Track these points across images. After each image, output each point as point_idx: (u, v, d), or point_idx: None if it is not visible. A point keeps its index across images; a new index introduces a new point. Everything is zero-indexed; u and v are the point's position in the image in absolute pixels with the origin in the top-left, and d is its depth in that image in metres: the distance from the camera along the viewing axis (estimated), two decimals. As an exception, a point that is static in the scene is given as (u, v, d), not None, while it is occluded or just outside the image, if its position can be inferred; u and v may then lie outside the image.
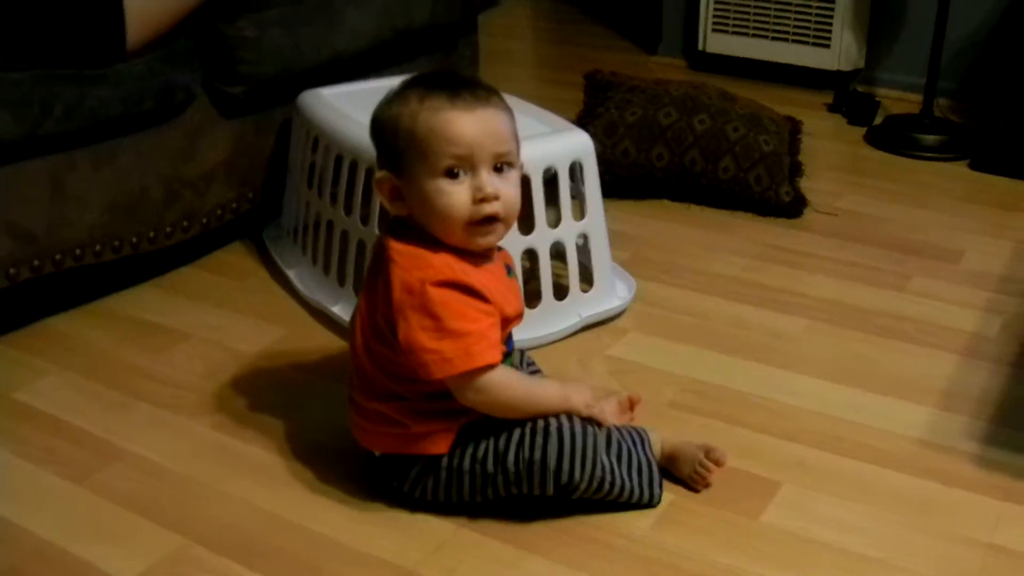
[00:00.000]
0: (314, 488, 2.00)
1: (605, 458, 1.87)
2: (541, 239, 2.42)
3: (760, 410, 2.23)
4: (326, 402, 2.22)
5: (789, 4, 4.15)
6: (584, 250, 2.55)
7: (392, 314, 1.79)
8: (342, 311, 2.51)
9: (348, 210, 2.50)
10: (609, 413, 1.97)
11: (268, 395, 2.28)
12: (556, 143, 2.47)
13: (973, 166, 3.49)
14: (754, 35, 4.26)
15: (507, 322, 1.89)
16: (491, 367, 1.79)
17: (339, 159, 2.52)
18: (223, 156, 2.74)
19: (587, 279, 2.55)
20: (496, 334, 1.82)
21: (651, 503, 1.95)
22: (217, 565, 1.82)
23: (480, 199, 1.78)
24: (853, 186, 3.35)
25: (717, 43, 4.36)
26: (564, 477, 1.83)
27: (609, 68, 3.60)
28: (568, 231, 2.47)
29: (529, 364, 2.14)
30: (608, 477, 1.87)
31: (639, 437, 1.97)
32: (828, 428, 2.17)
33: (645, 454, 1.95)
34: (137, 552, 1.85)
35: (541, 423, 1.84)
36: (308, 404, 2.24)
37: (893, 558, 1.82)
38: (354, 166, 2.46)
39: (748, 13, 4.25)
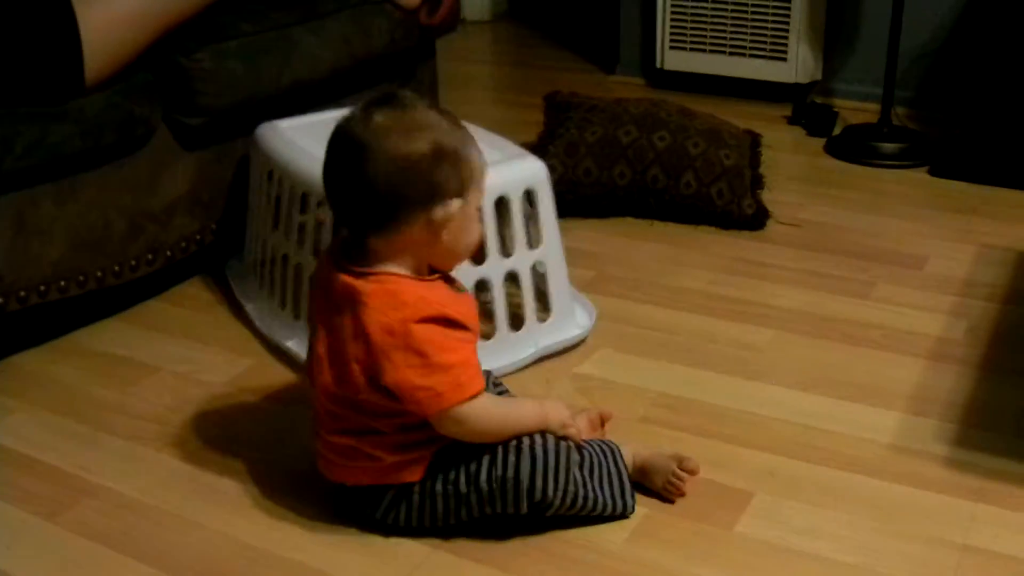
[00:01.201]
0: (287, 516, 1.99)
1: (577, 473, 1.87)
2: (494, 269, 2.38)
3: (731, 421, 2.24)
4: (296, 431, 2.22)
5: (745, 19, 4.17)
6: (541, 279, 2.50)
7: (372, 358, 1.76)
8: (297, 345, 2.48)
9: (301, 243, 2.48)
10: (581, 429, 1.98)
11: (238, 426, 2.28)
12: (509, 171, 2.43)
13: (933, 172, 3.51)
14: (711, 51, 4.28)
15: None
16: (476, 396, 1.78)
17: (292, 193, 2.50)
18: (185, 188, 2.73)
19: (545, 308, 2.51)
20: (476, 359, 1.81)
21: (624, 514, 1.95)
22: (193, 596, 1.82)
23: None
24: (815, 196, 3.37)
25: (675, 60, 4.38)
26: (538, 494, 1.83)
27: (568, 89, 3.61)
28: (522, 260, 2.44)
29: (496, 384, 2.14)
30: (581, 491, 1.87)
31: (609, 450, 1.97)
32: (799, 436, 2.18)
33: (616, 466, 1.95)
34: (112, 586, 1.84)
35: (513, 442, 1.84)
36: (278, 433, 2.24)
37: (868, 563, 1.83)
38: (305, 199, 2.44)
39: (705, 29, 4.26)
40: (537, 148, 3.27)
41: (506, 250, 2.43)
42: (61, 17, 2.44)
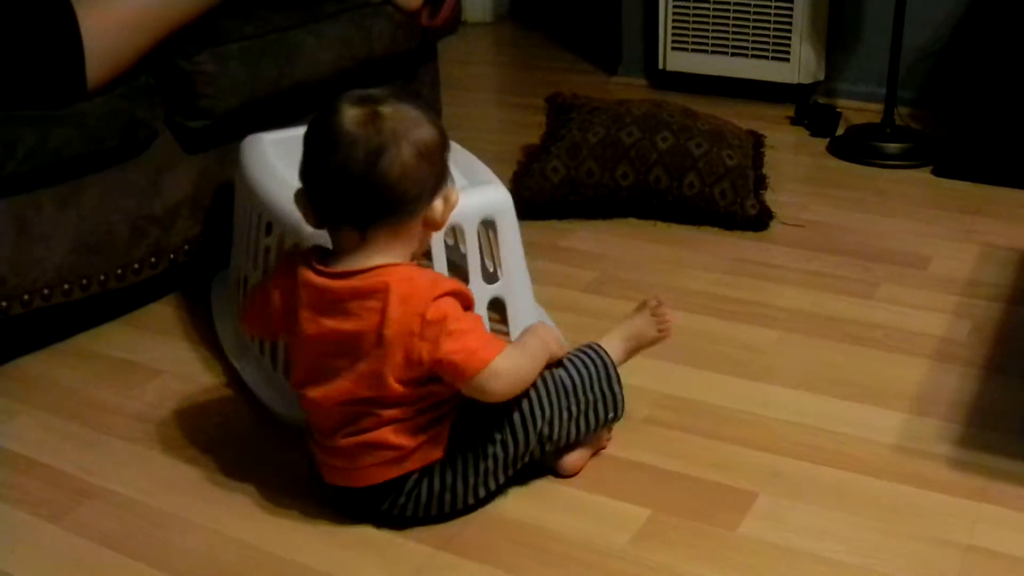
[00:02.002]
0: (290, 517, 1.99)
1: (573, 407, 1.97)
2: None
3: (734, 422, 2.23)
4: (296, 433, 2.21)
5: (747, 19, 4.17)
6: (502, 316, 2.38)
7: (407, 345, 1.79)
8: (244, 371, 2.43)
9: (256, 265, 2.41)
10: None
11: (240, 427, 2.28)
12: (467, 198, 2.18)
13: (936, 172, 3.51)
14: (713, 52, 4.28)
15: None
16: (502, 349, 1.85)
17: (253, 214, 2.41)
18: (188, 191, 2.73)
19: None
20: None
21: (617, 406, 2.05)
22: (196, 599, 1.82)
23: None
24: (818, 197, 3.36)
25: (677, 61, 4.38)
26: (539, 422, 1.93)
27: (570, 90, 3.60)
28: (477, 293, 2.15)
29: None
30: (573, 397, 1.97)
31: (598, 357, 2.04)
32: (802, 437, 2.17)
33: (607, 372, 2.03)
34: (115, 589, 1.84)
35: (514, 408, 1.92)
36: (280, 434, 2.24)
37: (872, 564, 1.83)
38: (269, 226, 2.34)
39: (707, 30, 4.26)
40: (540, 149, 3.28)
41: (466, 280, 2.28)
42: (62, 21, 2.44)
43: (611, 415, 2.04)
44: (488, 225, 2.33)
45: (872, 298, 2.71)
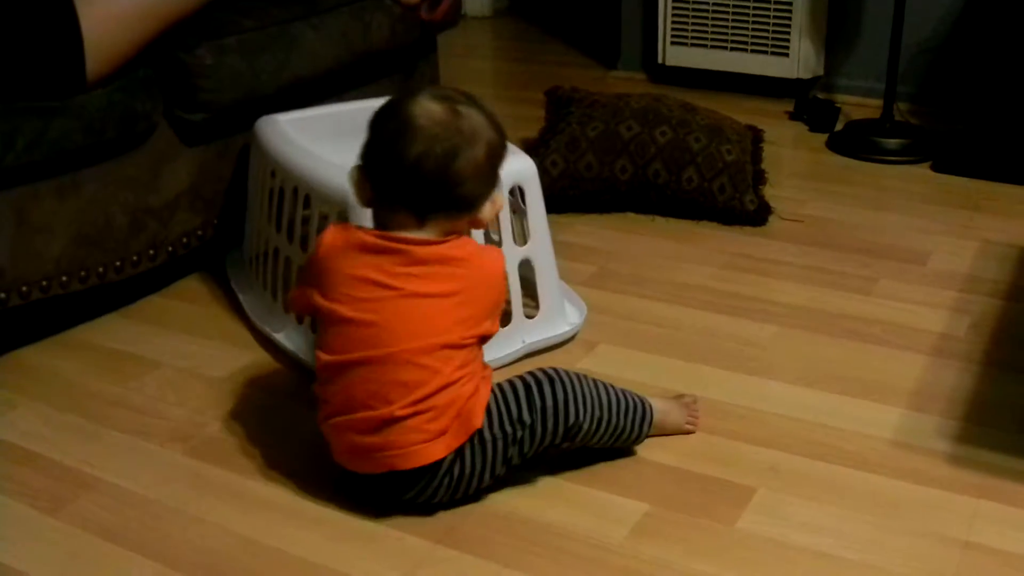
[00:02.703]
0: (289, 511, 1.99)
1: (604, 398, 2.01)
2: None
3: (733, 417, 2.23)
4: (298, 425, 2.22)
5: (746, 14, 4.17)
6: (530, 275, 2.51)
7: (487, 297, 1.97)
8: (285, 339, 2.50)
9: (291, 238, 2.50)
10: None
11: (240, 420, 2.28)
12: None
13: (935, 168, 3.51)
14: (713, 46, 4.28)
15: None
16: None
17: (284, 187, 2.52)
18: (187, 184, 2.73)
19: (534, 304, 2.52)
20: None
21: (639, 438, 2.10)
22: (194, 591, 1.82)
23: None
24: (817, 192, 3.37)
25: (676, 56, 4.38)
26: (571, 418, 1.95)
27: (570, 84, 3.60)
28: (509, 256, 2.39)
29: None
30: (606, 415, 2.00)
31: (634, 395, 2.10)
32: (801, 432, 2.17)
33: (638, 400, 2.08)
34: (113, 582, 1.84)
35: (538, 373, 1.99)
36: (280, 427, 2.24)
37: (870, 559, 1.83)
38: (295, 193, 2.47)
39: (706, 25, 4.26)
40: (538, 143, 3.28)
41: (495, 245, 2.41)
42: (62, 13, 2.44)
43: (632, 438, 2.09)
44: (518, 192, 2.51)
45: (871, 294, 2.71)
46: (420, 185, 1.89)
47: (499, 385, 1.98)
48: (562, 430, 1.96)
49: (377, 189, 1.93)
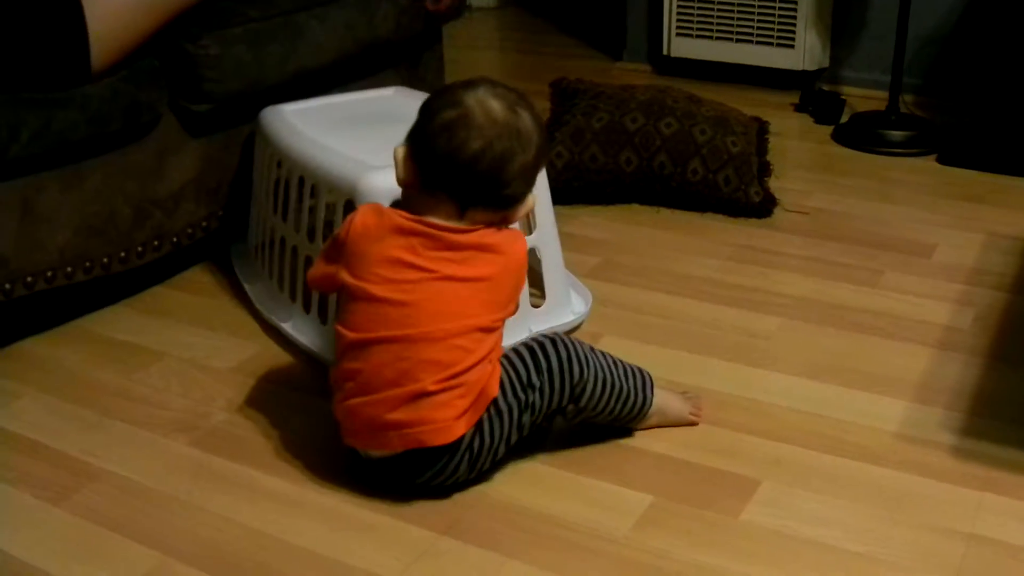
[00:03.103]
0: (292, 501, 1.99)
1: (603, 360, 2.04)
2: None
3: (737, 409, 2.23)
4: (302, 416, 2.22)
5: (752, 6, 4.16)
6: (536, 264, 2.51)
7: (517, 278, 2.03)
8: (292, 328, 2.51)
9: (298, 227, 2.50)
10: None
11: (244, 411, 2.28)
12: None
13: (941, 160, 3.51)
14: (718, 38, 4.27)
15: None
16: None
17: (290, 177, 2.52)
18: (191, 174, 2.73)
19: (539, 293, 2.52)
20: None
21: (644, 407, 2.10)
22: (198, 582, 1.82)
23: None
24: (822, 184, 3.36)
25: (682, 47, 4.37)
26: (575, 376, 1.98)
27: (575, 76, 3.60)
28: None
29: None
30: (609, 376, 2.03)
31: (640, 369, 2.14)
32: (805, 425, 2.17)
33: (638, 369, 2.11)
34: (116, 571, 1.84)
35: (539, 337, 2.01)
36: (284, 418, 2.24)
37: (874, 551, 1.83)
38: (302, 182, 2.46)
39: (711, 16, 4.26)
40: (543, 135, 3.27)
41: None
42: (67, 3, 2.43)
43: (636, 405, 2.09)
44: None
45: (876, 286, 2.71)
46: (471, 180, 1.92)
47: (506, 355, 2.00)
48: (568, 390, 1.98)
49: (424, 174, 1.95)
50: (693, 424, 2.18)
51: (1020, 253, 2.85)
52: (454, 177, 1.92)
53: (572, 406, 2.01)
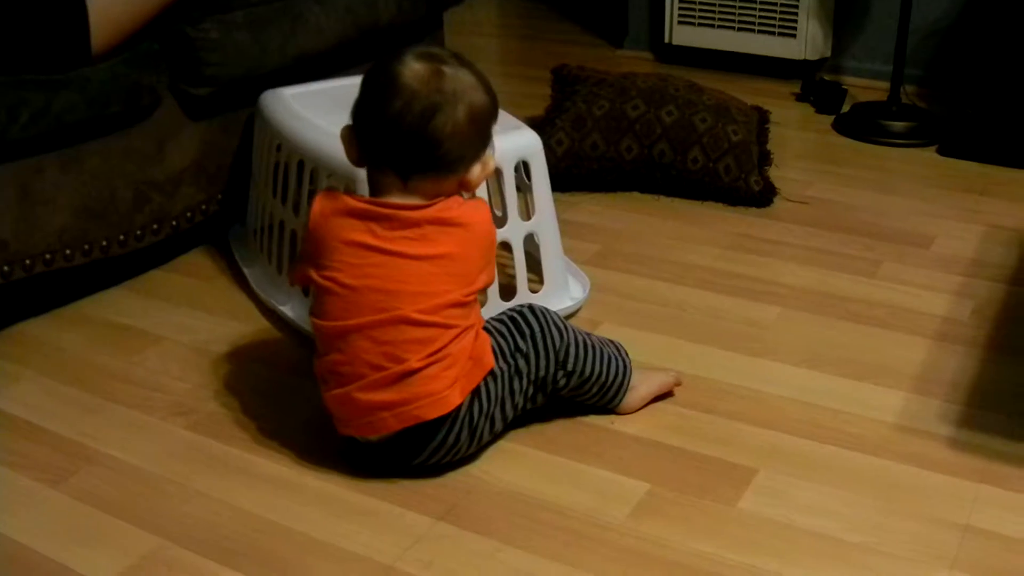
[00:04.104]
0: (290, 485, 2.00)
1: (579, 332, 2.09)
2: None
3: (735, 398, 2.23)
4: (300, 399, 2.22)
5: (754, -5, 4.16)
6: (534, 249, 2.53)
7: (487, 251, 2.02)
8: (291, 311, 2.51)
9: (297, 210, 2.50)
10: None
11: (242, 394, 2.28)
12: (503, 142, 2.38)
13: (941, 151, 3.50)
14: (720, 26, 4.26)
15: None
16: None
17: (289, 160, 2.52)
18: (191, 158, 2.73)
19: (537, 279, 2.53)
20: None
21: (627, 372, 2.15)
22: (194, 564, 1.82)
23: None
24: (822, 174, 3.36)
25: (683, 35, 4.36)
26: (559, 343, 2.03)
27: (576, 63, 3.60)
28: (515, 231, 2.46)
29: None
30: (585, 341, 2.08)
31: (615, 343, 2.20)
32: (803, 414, 2.17)
33: (612, 343, 2.18)
34: (114, 554, 1.84)
35: (515, 307, 2.08)
36: (282, 402, 2.24)
37: (871, 542, 1.83)
38: (301, 166, 2.47)
39: (714, 5, 4.25)
40: (544, 121, 3.27)
41: (499, 220, 2.44)
42: (68, -15, 2.43)
43: (619, 372, 2.14)
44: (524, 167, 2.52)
45: (875, 276, 2.71)
46: (399, 143, 1.90)
47: (489, 325, 2.05)
48: (552, 354, 2.02)
49: (363, 148, 1.96)
50: (677, 384, 2.23)
51: (1020, 245, 2.84)
52: (384, 143, 1.92)
53: (562, 373, 2.04)
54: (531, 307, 2.06)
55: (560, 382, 2.05)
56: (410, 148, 1.90)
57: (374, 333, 1.90)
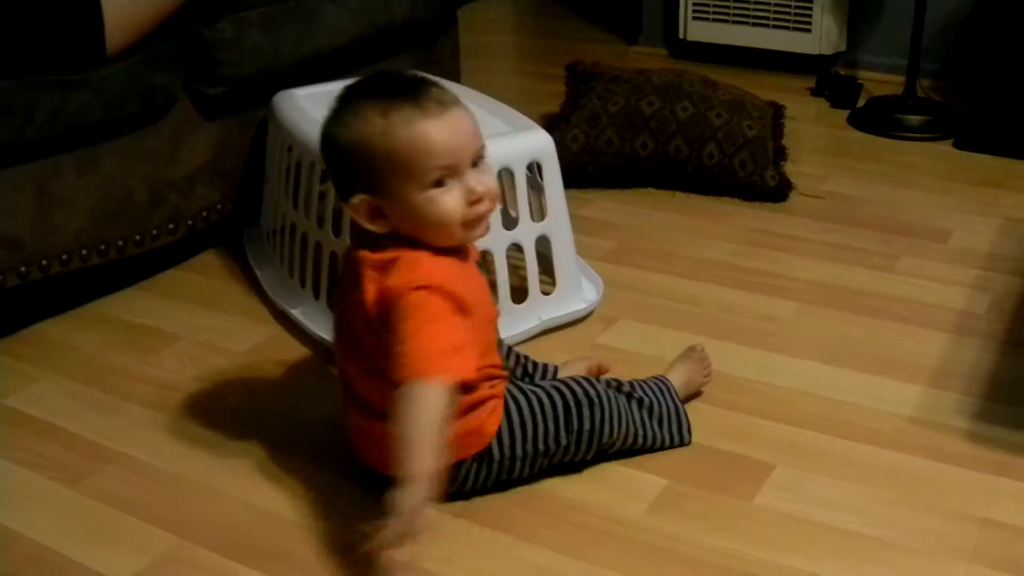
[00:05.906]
0: (307, 484, 1.99)
1: (637, 415, 2.00)
2: (497, 240, 2.36)
3: (752, 393, 2.23)
4: (316, 399, 2.23)
5: (769, -10, 4.16)
6: (547, 251, 2.50)
7: (378, 319, 1.76)
8: (302, 314, 2.51)
9: (308, 214, 2.49)
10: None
11: (258, 394, 2.28)
12: (513, 142, 2.42)
13: (957, 145, 3.49)
14: (734, 22, 4.26)
15: (492, 320, 1.94)
16: (439, 384, 1.69)
17: (300, 163, 2.51)
18: (206, 158, 2.73)
19: (550, 280, 2.50)
20: (471, 350, 1.77)
21: (683, 443, 2.07)
22: (212, 563, 1.82)
23: (474, 201, 1.78)
24: (838, 168, 3.35)
25: (698, 31, 4.36)
26: (605, 439, 1.96)
27: (591, 59, 3.59)
28: (527, 232, 2.43)
29: (522, 361, 2.14)
30: (640, 431, 2.01)
31: (664, 386, 2.08)
32: (820, 409, 2.17)
33: (672, 402, 2.07)
34: (132, 553, 1.85)
35: (580, 391, 1.94)
36: (298, 402, 2.24)
37: (889, 536, 1.83)
38: (312, 167, 2.45)
39: (728, 0, 4.24)
40: (559, 118, 3.27)
41: (511, 222, 2.45)
42: (82, -14, 2.44)
43: (665, 445, 2.07)
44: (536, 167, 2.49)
45: (891, 271, 2.70)
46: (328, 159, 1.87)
47: (536, 396, 1.93)
48: (595, 448, 1.97)
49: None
50: (705, 383, 2.23)
51: (1037, 238, 2.84)
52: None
53: (602, 449, 2.00)
54: (592, 400, 1.93)
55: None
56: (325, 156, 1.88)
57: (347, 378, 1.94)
